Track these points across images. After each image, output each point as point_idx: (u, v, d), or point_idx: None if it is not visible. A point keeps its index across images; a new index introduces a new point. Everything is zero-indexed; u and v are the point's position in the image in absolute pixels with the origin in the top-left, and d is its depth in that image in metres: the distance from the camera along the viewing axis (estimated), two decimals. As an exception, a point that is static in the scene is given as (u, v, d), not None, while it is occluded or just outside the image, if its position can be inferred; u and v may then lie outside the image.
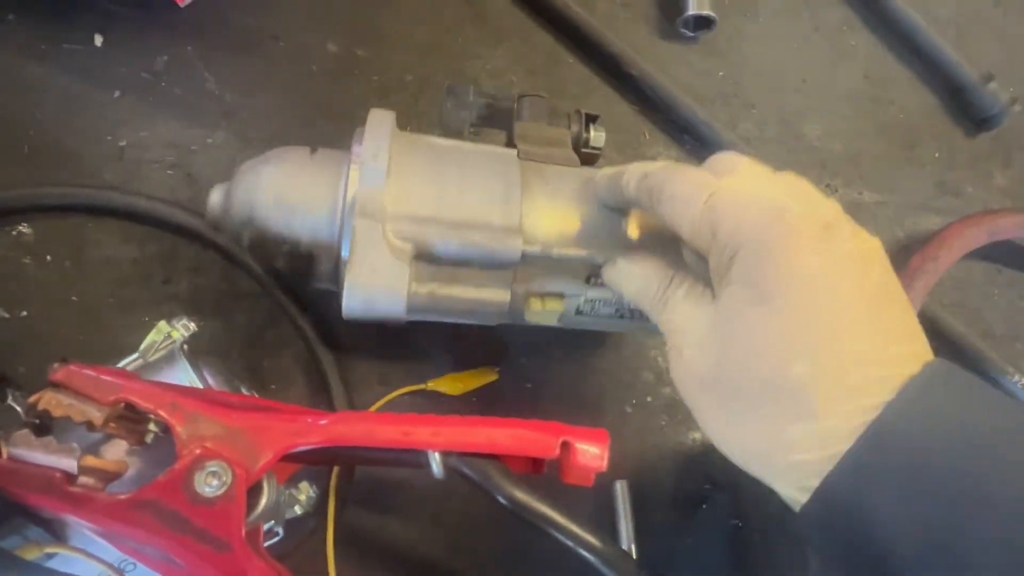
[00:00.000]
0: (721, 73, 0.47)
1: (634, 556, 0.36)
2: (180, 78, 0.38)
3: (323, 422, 0.24)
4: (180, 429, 0.22)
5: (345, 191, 0.28)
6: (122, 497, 0.21)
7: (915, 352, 0.22)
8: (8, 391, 0.22)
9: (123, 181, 0.36)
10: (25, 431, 0.21)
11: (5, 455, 0.21)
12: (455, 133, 0.34)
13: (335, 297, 0.28)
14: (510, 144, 0.33)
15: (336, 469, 0.30)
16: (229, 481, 0.22)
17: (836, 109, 0.48)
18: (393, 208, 0.28)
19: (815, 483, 0.21)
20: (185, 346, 0.29)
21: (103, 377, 0.23)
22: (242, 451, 0.22)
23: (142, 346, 0.29)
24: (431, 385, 0.36)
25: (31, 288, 0.34)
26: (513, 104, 0.34)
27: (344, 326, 0.30)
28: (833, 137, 0.48)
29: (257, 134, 0.38)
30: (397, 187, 0.28)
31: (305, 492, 0.28)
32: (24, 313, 0.34)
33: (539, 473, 0.26)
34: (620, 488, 0.37)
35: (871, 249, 0.23)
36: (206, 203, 0.30)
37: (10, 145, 0.35)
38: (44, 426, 0.22)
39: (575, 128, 0.34)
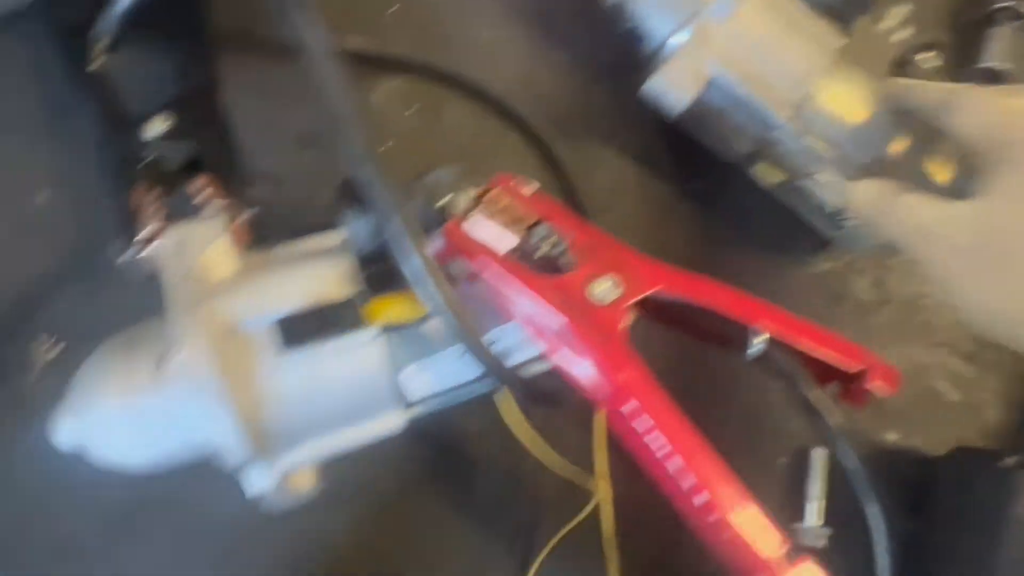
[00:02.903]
0: None
1: (822, 523, 0.40)
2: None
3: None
4: (582, 247, 0.29)
5: None
6: (548, 276, 0.28)
7: None
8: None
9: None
10: (480, 210, 0.29)
11: (461, 223, 0.28)
12: None
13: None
14: None
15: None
16: (619, 293, 0.28)
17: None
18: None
19: None
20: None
21: (528, 191, 0.30)
22: (626, 277, 0.28)
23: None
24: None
25: (396, 130, 0.42)
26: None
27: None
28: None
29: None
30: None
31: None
32: (390, 143, 0.41)
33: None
34: (817, 457, 0.42)
35: None
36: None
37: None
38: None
39: None
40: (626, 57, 0.44)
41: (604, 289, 0.28)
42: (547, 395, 0.30)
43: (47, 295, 0.38)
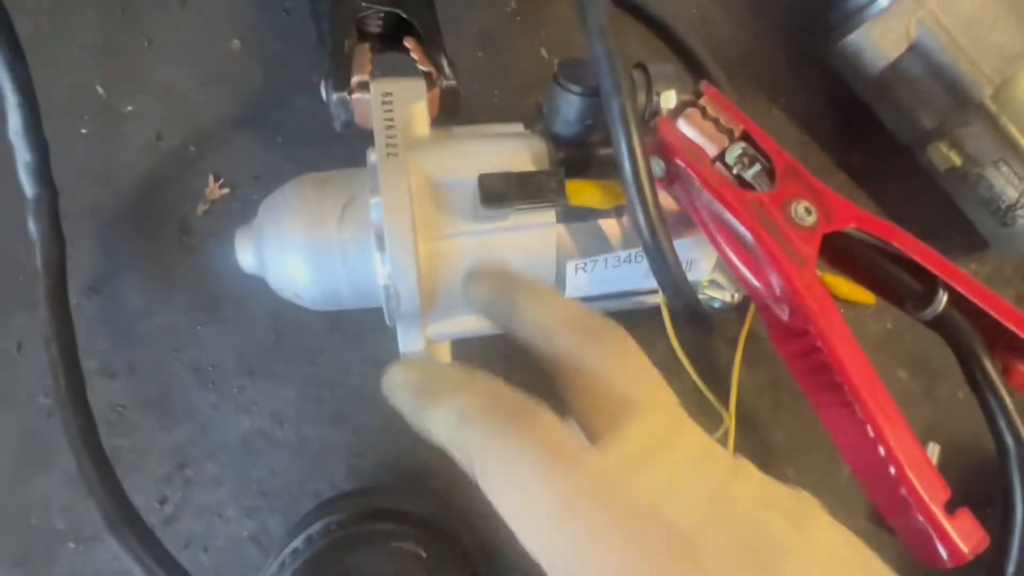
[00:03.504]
0: None
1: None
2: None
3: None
4: (781, 170, 0.29)
5: None
6: (748, 190, 0.28)
7: None
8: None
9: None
10: (690, 113, 0.29)
11: (669, 122, 0.29)
12: None
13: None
14: None
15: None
16: (814, 220, 0.28)
17: None
18: None
19: None
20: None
21: (734, 109, 0.30)
22: (821, 207, 0.28)
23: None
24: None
25: (569, 49, 0.42)
26: None
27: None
28: None
29: None
30: None
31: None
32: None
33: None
34: (931, 451, 0.41)
35: None
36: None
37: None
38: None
39: None
40: (807, 14, 0.43)
41: (801, 212, 0.28)
42: (705, 320, 0.30)
43: (223, 139, 0.40)
